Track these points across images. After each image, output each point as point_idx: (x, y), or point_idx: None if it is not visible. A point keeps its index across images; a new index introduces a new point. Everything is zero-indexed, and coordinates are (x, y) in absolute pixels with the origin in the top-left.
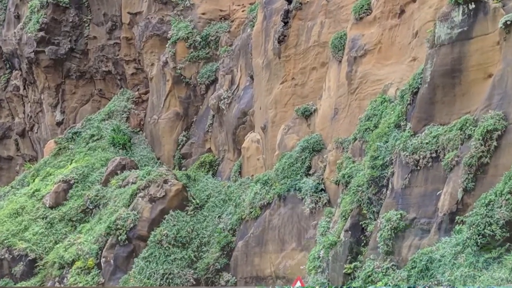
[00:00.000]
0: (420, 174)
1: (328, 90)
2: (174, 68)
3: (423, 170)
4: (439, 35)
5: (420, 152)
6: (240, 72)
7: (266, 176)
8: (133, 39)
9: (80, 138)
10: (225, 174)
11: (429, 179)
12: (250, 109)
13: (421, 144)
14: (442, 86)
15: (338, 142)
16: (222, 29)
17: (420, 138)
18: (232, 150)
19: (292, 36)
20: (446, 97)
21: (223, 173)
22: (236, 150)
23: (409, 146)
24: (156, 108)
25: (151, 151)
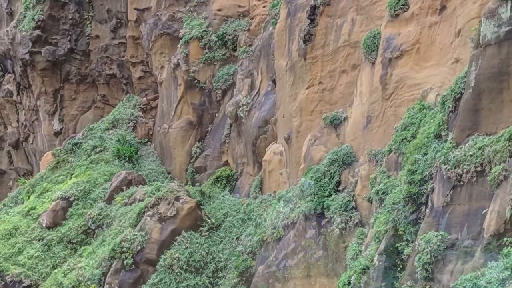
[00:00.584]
0: (464, 190)
1: (360, 96)
2: (186, 71)
3: (466, 185)
4: (484, 33)
5: (463, 166)
6: (261, 76)
7: (290, 192)
8: (141, 39)
9: (81, 149)
10: (244, 190)
11: (474, 196)
12: (272, 117)
13: (464, 156)
14: (488, 91)
15: (371, 154)
16: (241, 27)
17: (464, 149)
18: (251, 164)
19: (319, 35)
20: (493, 103)
21: (242, 189)
22: (257, 163)
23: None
24: (166, 116)
25: (160, 165)
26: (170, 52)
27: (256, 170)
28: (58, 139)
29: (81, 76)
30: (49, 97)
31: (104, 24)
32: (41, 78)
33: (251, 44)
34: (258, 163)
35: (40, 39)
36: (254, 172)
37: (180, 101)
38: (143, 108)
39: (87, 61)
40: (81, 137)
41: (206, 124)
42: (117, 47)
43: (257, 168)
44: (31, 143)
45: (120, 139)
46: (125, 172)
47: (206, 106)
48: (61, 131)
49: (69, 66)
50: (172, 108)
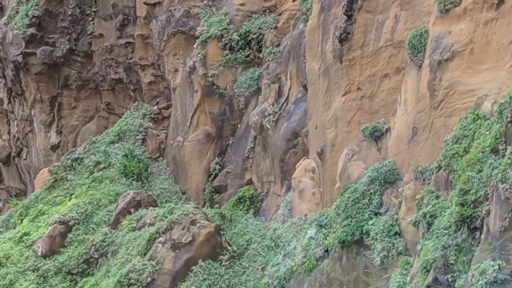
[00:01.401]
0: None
1: (405, 104)
2: (204, 75)
3: None
4: None
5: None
6: (290, 81)
7: (324, 215)
8: (151, 38)
9: (82, 166)
10: (270, 213)
11: None
12: (303, 129)
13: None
14: None
15: (417, 171)
16: (267, 24)
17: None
18: (279, 182)
19: (357, 33)
20: None
21: (268, 212)
22: (285, 181)
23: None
24: (180, 127)
25: (174, 183)
26: (185, 53)
27: (285, 190)
28: (55, 154)
29: (82, 81)
30: (45, 105)
31: (108, 21)
32: (36, 84)
33: (279, 44)
34: (286, 181)
35: (34, 38)
36: (282, 192)
37: (197, 110)
38: (154, 118)
39: (89, 64)
40: (82, 151)
41: (227, 137)
42: (124, 47)
43: (285, 187)
44: (25, 159)
45: (127, 154)
46: (133, 192)
47: (227, 116)
48: (59, 144)
49: (68, 69)
50: (188, 118)
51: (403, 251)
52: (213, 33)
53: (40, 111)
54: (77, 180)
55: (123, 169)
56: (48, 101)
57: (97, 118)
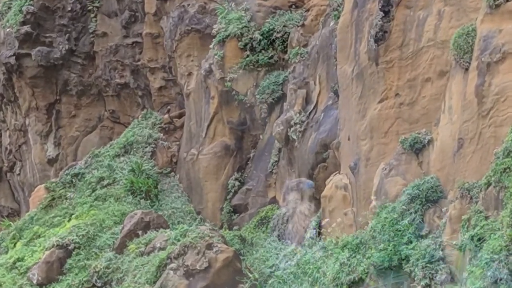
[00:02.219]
0: None
1: (449, 112)
2: (221, 79)
3: None
4: None
5: None
6: (319, 86)
7: (358, 238)
8: (161, 37)
9: (83, 182)
10: (297, 236)
11: None
12: (334, 140)
13: None
14: None
15: (463, 188)
16: (293, 22)
17: None
18: (307, 200)
19: (395, 32)
20: None
21: (294, 234)
22: (314, 200)
23: None
24: (195, 138)
25: (187, 202)
26: (200, 54)
27: (313, 209)
28: (53, 169)
29: (83, 86)
30: (41, 113)
31: (113, 18)
32: (31, 89)
33: (306, 44)
34: (315, 200)
35: (29, 37)
36: (310, 211)
37: (213, 119)
38: (165, 128)
39: (91, 67)
40: (84, 166)
41: (247, 149)
42: (131, 48)
43: (314, 206)
44: (18, 174)
45: (134, 169)
46: (140, 212)
47: (247, 126)
48: (57, 158)
49: (67, 72)
50: (203, 128)
51: (448, 279)
52: (231, 31)
53: (36, 120)
54: (78, 198)
55: (130, 186)
56: (45, 108)
57: (100, 128)
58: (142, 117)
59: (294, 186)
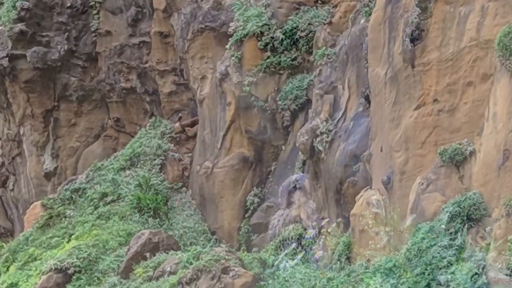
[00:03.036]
0: None
1: (493, 120)
2: (239, 83)
3: None
4: None
5: None
6: (349, 90)
7: (391, 261)
8: (172, 36)
9: (84, 198)
10: (323, 258)
11: None
12: (365, 152)
13: None
14: None
15: (510, 205)
16: (319, 19)
17: None
18: (334, 219)
19: (434, 30)
20: None
21: (321, 257)
22: (342, 218)
23: None
24: (209, 149)
25: (201, 221)
26: (215, 55)
27: (342, 228)
28: (50, 184)
29: (85, 91)
30: (37, 121)
31: (118, 14)
32: (26, 94)
33: (334, 43)
34: (344, 218)
35: (24, 36)
36: (338, 231)
37: (230, 128)
38: (176, 138)
39: (93, 69)
40: (85, 180)
41: (268, 162)
42: (138, 48)
43: (342, 225)
44: (11, 189)
45: (141, 184)
46: (148, 231)
47: (268, 135)
48: (55, 171)
49: (66, 76)
50: (218, 138)
51: None
52: (250, 30)
53: (31, 129)
54: (78, 216)
55: (137, 203)
56: (41, 116)
57: (103, 138)
58: (150, 126)
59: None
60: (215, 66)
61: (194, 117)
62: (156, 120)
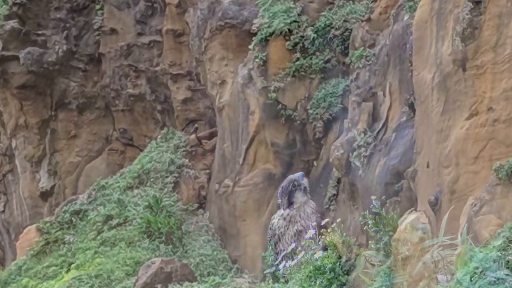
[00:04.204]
0: None
1: None
2: (264, 89)
3: None
4: None
5: None
6: (390, 97)
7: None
8: (187, 35)
9: (85, 222)
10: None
11: None
12: (409, 168)
13: None
14: None
15: None
16: (356, 15)
17: None
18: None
19: (488, 28)
20: None
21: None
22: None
23: None
24: (230, 165)
25: (220, 247)
26: (237, 57)
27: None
28: (47, 205)
29: (86, 98)
30: (32, 133)
31: (124, 10)
32: (19, 102)
33: (373, 43)
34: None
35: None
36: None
37: (254, 140)
38: (191, 152)
39: (96, 73)
40: (87, 200)
41: None
42: (147, 48)
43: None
44: (2, 211)
45: (152, 205)
46: (160, 260)
47: (297, 149)
48: (52, 190)
49: (66, 81)
50: (240, 152)
51: None
52: (277, 28)
53: (25, 141)
54: (79, 242)
55: (146, 227)
56: (36, 127)
57: (107, 152)
58: (162, 138)
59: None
60: (236, 69)
61: (212, 128)
62: (168, 131)
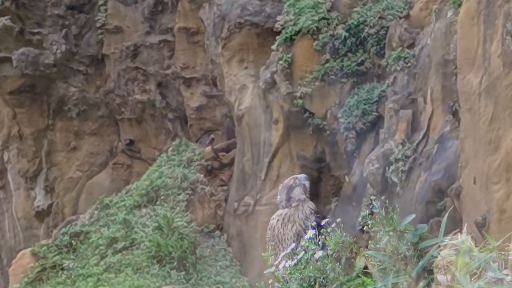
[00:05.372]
0: None
1: None
2: (289, 95)
3: None
4: None
5: None
6: (432, 104)
7: None
8: (201, 34)
9: (87, 245)
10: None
11: None
12: (453, 184)
13: None
14: None
15: None
16: (393, 11)
17: None
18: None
19: None
20: None
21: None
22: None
23: None
24: (251, 181)
25: (239, 274)
26: (258, 59)
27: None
28: (43, 226)
29: (88, 105)
30: (26, 144)
31: (131, 6)
32: (12, 109)
33: (413, 43)
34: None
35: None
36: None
37: (278, 153)
38: (207, 166)
39: (99, 77)
40: (88, 221)
41: (327, 197)
42: (157, 49)
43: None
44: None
45: (162, 226)
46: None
47: (326, 163)
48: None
49: (64, 85)
50: (262, 167)
51: None
52: (304, 25)
53: (19, 154)
54: (80, 268)
55: (156, 251)
56: (32, 138)
57: (112, 166)
58: (174, 151)
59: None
60: (257, 72)
61: (230, 139)
62: (180, 143)
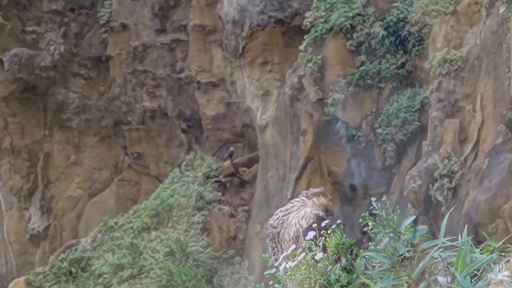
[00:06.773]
0: None
1: None
2: (318, 102)
3: None
4: None
5: None
6: (481, 112)
7: None
8: (219, 33)
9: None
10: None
11: None
12: (506, 204)
13: None
14: None
15: None
16: (437, 7)
17: None
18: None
19: None
20: None
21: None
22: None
23: None
24: (275, 199)
25: None
26: (284, 61)
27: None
28: (39, 251)
29: (90, 114)
30: (20, 158)
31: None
32: (3, 118)
33: (460, 43)
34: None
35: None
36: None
37: (306, 168)
38: (225, 183)
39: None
40: (90, 246)
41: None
42: (168, 49)
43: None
44: None
45: (175, 251)
46: None
47: (362, 179)
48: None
49: (63, 91)
50: (289, 184)
51: None
52: (336, 23)
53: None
54: None
55: (167, 280)
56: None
57: (117, 183)
58: (187, 165)
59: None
60: (283, 76)
61: (252, 152)
62: (195, 156)
